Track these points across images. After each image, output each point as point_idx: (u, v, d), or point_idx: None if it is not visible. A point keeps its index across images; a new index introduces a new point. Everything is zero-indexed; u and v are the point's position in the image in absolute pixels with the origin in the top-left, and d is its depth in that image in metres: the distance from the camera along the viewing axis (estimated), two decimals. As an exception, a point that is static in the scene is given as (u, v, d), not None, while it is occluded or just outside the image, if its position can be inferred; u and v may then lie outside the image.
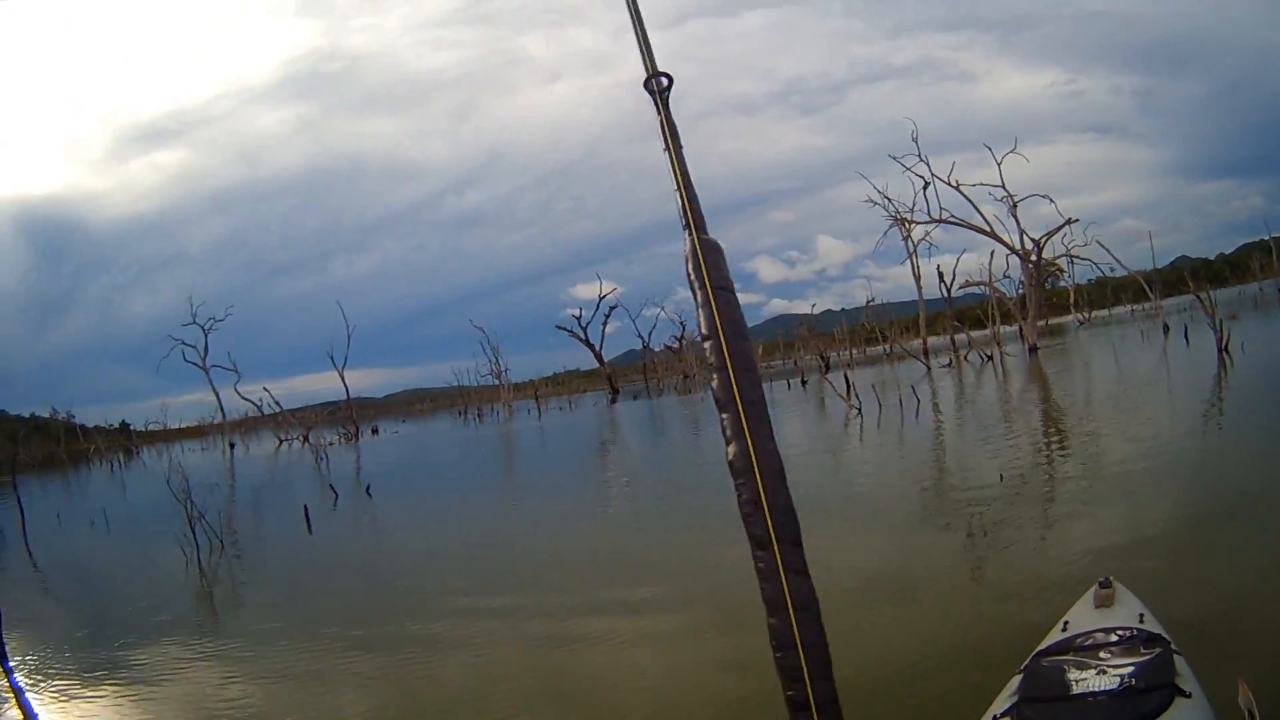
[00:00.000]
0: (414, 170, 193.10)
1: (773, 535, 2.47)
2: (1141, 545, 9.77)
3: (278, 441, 63.56)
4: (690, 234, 2.89)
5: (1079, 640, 4.74)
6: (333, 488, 25.93)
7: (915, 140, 53.73)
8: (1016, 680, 4.48)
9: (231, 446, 70.53)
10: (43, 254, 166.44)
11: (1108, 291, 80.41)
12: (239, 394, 74.75)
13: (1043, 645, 4.92)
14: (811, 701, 2.43)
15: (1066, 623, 5.19)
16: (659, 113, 3.09)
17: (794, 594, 2.46)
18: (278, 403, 72.82)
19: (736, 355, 2.59)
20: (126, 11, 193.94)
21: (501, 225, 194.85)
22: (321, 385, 73.34)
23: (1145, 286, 68.61)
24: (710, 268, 2.80)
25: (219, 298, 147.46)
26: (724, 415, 2.55)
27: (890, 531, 12.66)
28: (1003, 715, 4.12)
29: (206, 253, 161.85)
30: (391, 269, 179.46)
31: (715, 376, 2.58)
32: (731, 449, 2.52)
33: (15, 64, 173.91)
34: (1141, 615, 5.04)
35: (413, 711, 8.21)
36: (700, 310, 2.68)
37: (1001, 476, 13.00)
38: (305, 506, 21.28)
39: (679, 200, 2.96)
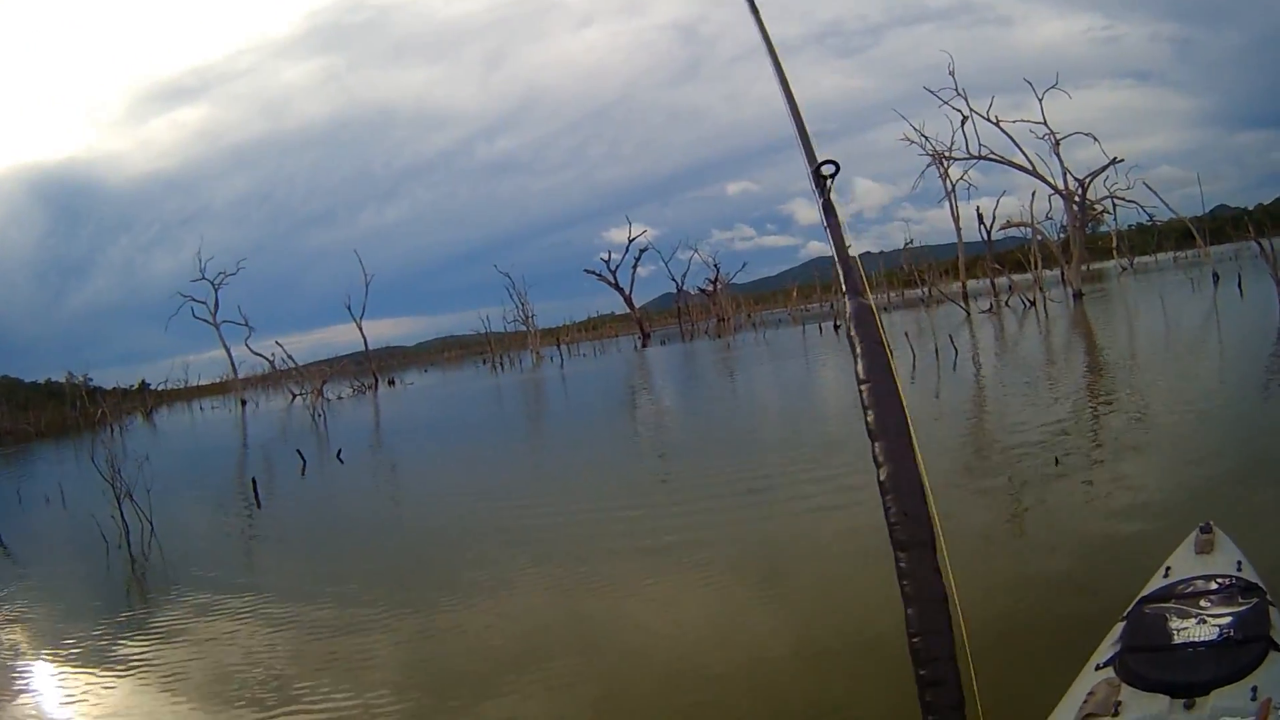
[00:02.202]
0: (444, 118, 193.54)
1: (913, 540, 2.99)
2: (1227, 494, 9.28)
3: (291, 396, 62.38)
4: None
5: (1180, 587, 4.72)
6: (300, 454, 24.06)
7: (952, 74, 51.15)
8: (1120, 627, 4.48)
9: (243, 404, 69.86)
10: (60, 218, 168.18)
11: (1150, 237, 78.54)
12: (250, 349, 72.97)
13: (1145, 591, 4.89)
14: (941, 679, 2.89)
15: (1169, 568, 5.16)
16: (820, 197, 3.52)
17: (929, 589, 2.95)
18: (291, 357, 70.97)
19: (875, 370, 3.37)
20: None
21: (534, 171, 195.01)
22: (352, 337, 72.73)
23: (1194, 232, 66.54)
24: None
25: (243, 253, 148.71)
26: (876, 444, 3.12)
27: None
28: (1105, 664, 4.09)
29: (230, 208, 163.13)
30: (422, 217, 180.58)
31: (866, 393, 3.25)
32: (883, 471, 3.08)
33: (30, 30, 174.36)
34: (1239, 563, 5.01)
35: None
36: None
37: (1058, 458, 11.46)
38: (253, 480, 19.55)
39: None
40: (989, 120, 50.26)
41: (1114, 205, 52.59)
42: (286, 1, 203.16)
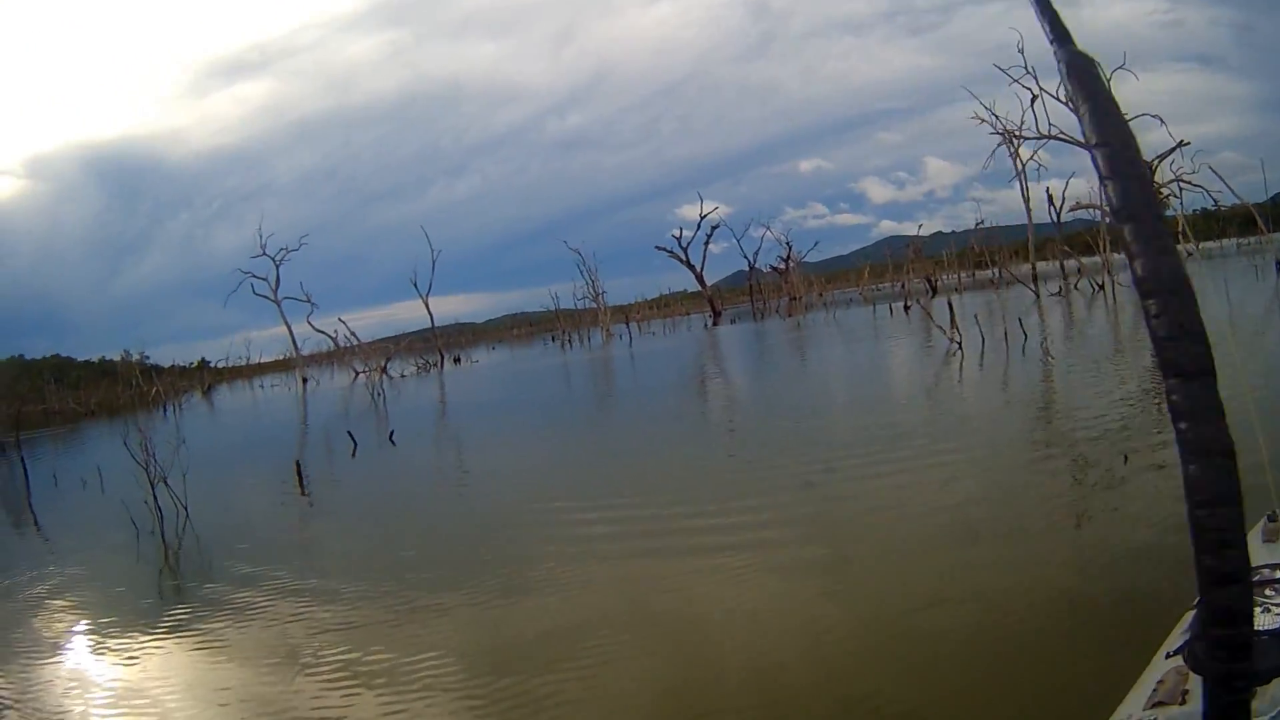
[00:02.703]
0: (514, 93, 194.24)
1: (1193, 366, 2.19)
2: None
3: (354, 374, 62.12)
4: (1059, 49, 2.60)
5: (1249, 575, 4.13)
6: (351, 435, 23.71)
7: (1021, 52, 51.32)
8: (1189, 615, 4.36)
9: (304, 381, 69.52)
10: (117, 194, 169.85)
11: (1214, 223, 77.58)
12: (312, 326, 72.65)
13: None
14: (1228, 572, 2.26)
15: None
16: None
17: (1217, 440, 2.20)
18: (354, 334, 70.47)
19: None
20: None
21: (605, 147, 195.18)
22: (419, 313, 72.92)
23: (1257, 218, 65.77)
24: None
25: (309, 229, 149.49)
26: (1127, 226, 2.36)
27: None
28: (1175, 653, 3.98)
29: (295, 183, 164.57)
30: (492, 193, 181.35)
31: (1111, 186, 2.38)
32: (1138, 265, 2.29)
33: (87, 6, 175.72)
34: None
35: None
36: (1087, 122, 2.51)
37: (1126, 457, 11.01)
38: (297, 464, 18.99)
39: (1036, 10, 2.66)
40: (1058, 99, 50.26)
41: (1179, 189, 52.25)
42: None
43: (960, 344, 26.18)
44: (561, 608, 8.88)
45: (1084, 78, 2.55)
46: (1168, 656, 4.07)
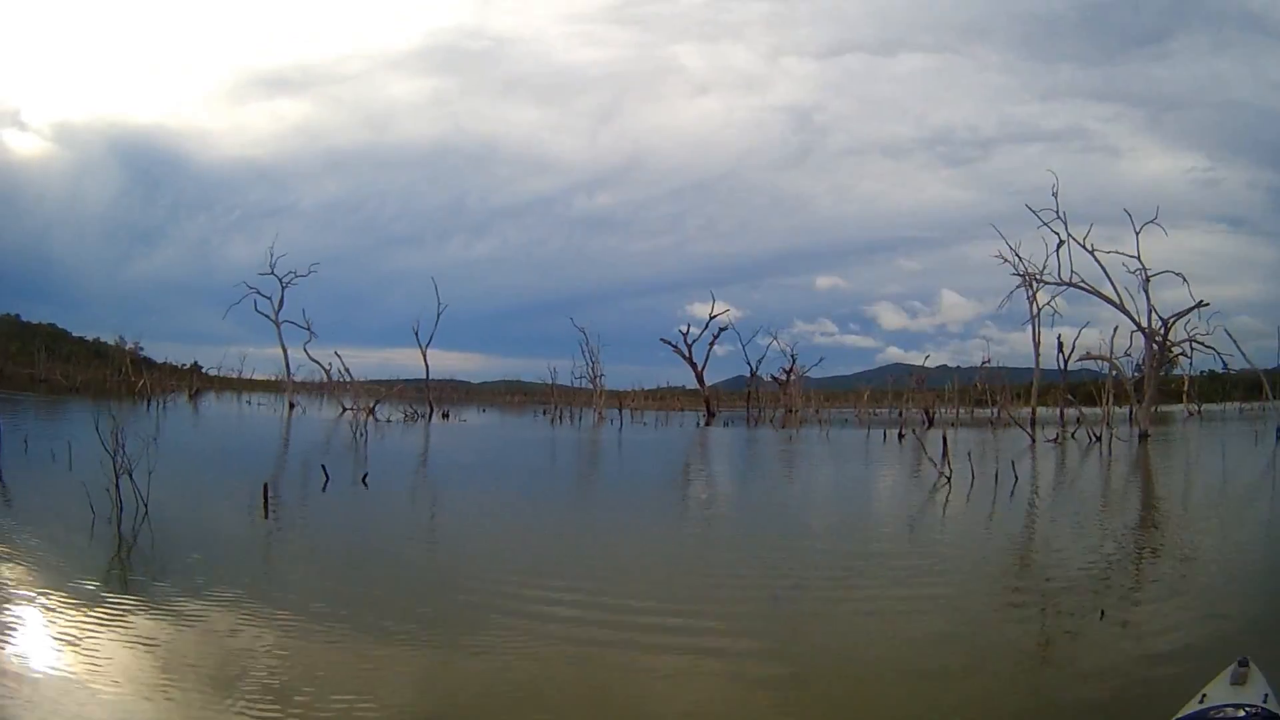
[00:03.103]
0: (548, 163, 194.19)
1: None
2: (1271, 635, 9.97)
3: (341, 409, 61.64)
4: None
5: (1212, 713, 5.11)
6: (324, 469, 23.36)
7: (1055, 195, 51.78)
8: None
9: (291, 406, 69.82)
10: (138, 182, 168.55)
11: (1220, 386, 77.99)
12: (308, 354, 72.54)
13: (1181, 714, 5.28)
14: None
15: (1204, 695, 5.56)
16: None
17: None
18: (347, 370, 69.99)
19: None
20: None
21: (629, 231, 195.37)
22: (417, 362, 73.38)
23: (1264, 383, 66.22)
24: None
25: (325, 259, 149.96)
26: None
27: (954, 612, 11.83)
28: None
29: (318, 210, 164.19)
30: (510, 258, 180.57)
31: None
32: None
33: None
34: (1266, 695, 5.39)
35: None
36: None
37: (1102, 613, 10.99)
38: (265, 485, 18.70)
39: None
40: (1084, 248, 50.73)
41: (1191, 349, 52.53)
42: (408, 14, 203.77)
43: (949, 478, 25.83)
44: (500, 676, 8.76)
45: None
46: None
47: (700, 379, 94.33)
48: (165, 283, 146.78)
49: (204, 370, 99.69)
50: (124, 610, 10.39)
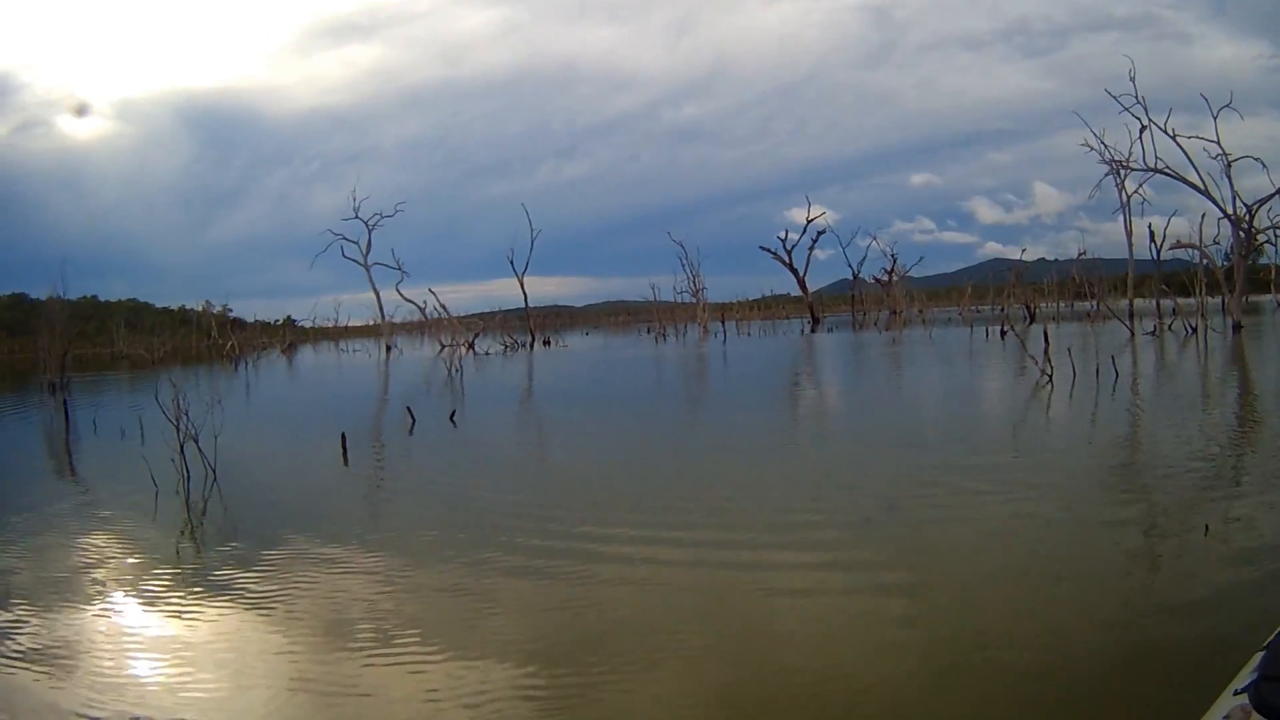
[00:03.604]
0: (630, 79, 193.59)
1: None
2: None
3: (440, 347, 60.81)
4: None
5: None
6: (410, 411, 23.29)
7: (1133, 79, 50.70)
8: (1259, 656, 4.53)
9: (388, 349, 70.26)
10: (211, 146, 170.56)
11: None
12: (401, 295, 73.03)
13: None
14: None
15: None
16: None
17: None
18: (443, 306, 69.78)
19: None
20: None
21: (719, 141, 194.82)
22: (517, 291, 73.89)
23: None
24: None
25: (413, 197, 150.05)
26: None
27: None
28: (1242, 690, 4.19)
29: (400, 150, 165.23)
30: (602, 177, 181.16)
31: None
32: None
33: None
34: None
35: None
36: None
37: (1206, 528, 10.25)
38: (343, 435, 18.55)
39: None
40: (1166, 133, 49.72)
41: (1276, 236, 52.07)
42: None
43: (1051, 377, 25.71)
44: (617, 607, 8.80)
45: None
46: (1235, 694, 4.21)
47: (803, 285, 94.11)
48: (249, 241, 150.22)
49: (298, 323, 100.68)
50: (185, 578, 10.34)
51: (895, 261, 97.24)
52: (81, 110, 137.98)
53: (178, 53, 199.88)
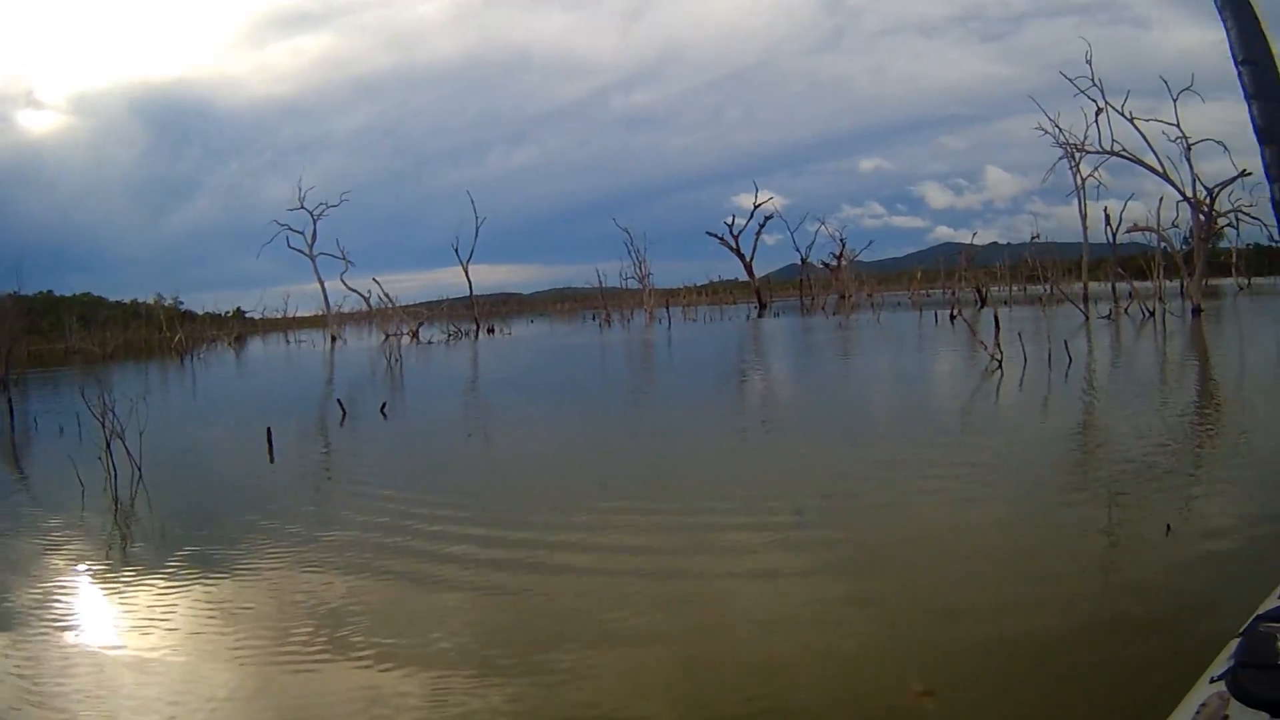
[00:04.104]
0: (581, 66, 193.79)
1: None
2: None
3: (384, 336, 60.89)
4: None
5: None
6: (340, 404, 23.14)
7: (1089, 62, 50.50)
8: (1236, 643, 4.26)
9: (334, 340, 69.81)
10: (163, 138, 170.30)
11: (1267, 259, 76.19)
12: (345, 284, 72.60)
13: (1261, 609, 4.70)
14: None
15: None
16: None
17: None
18: (387, 295, 70.64)
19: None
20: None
21: (669, 127, 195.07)
22: (465, 279, 73.62)
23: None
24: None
25: (364, 185, 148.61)
26: (1268, 149, 2.88)
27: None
28: (1219, 678, 3.98)
29: (351, 138, 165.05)
30: (552, 164, 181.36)
31: (1256, 106, 2.79)
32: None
33: None
34: None
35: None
36: (1235, 40, 2.83)
37: (1169, 528, 9.47)
38: (269, 430, 18.34)
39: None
40: (1123, 115, 49.24)
41: (1237, 220, 51.20)
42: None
43: (1000, 362, 25.10)
44: (562, 599, 8.66)
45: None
46: (1212, 681, 4.06)
47: (749, 270, 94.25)
48: (202, 233, 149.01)
49: (247, 315, 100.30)
50: (110, 574, 10.34)
51: (844, 246, 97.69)
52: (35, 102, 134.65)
53: (132, 44, 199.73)
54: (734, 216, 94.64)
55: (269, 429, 18.40)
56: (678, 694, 6.52)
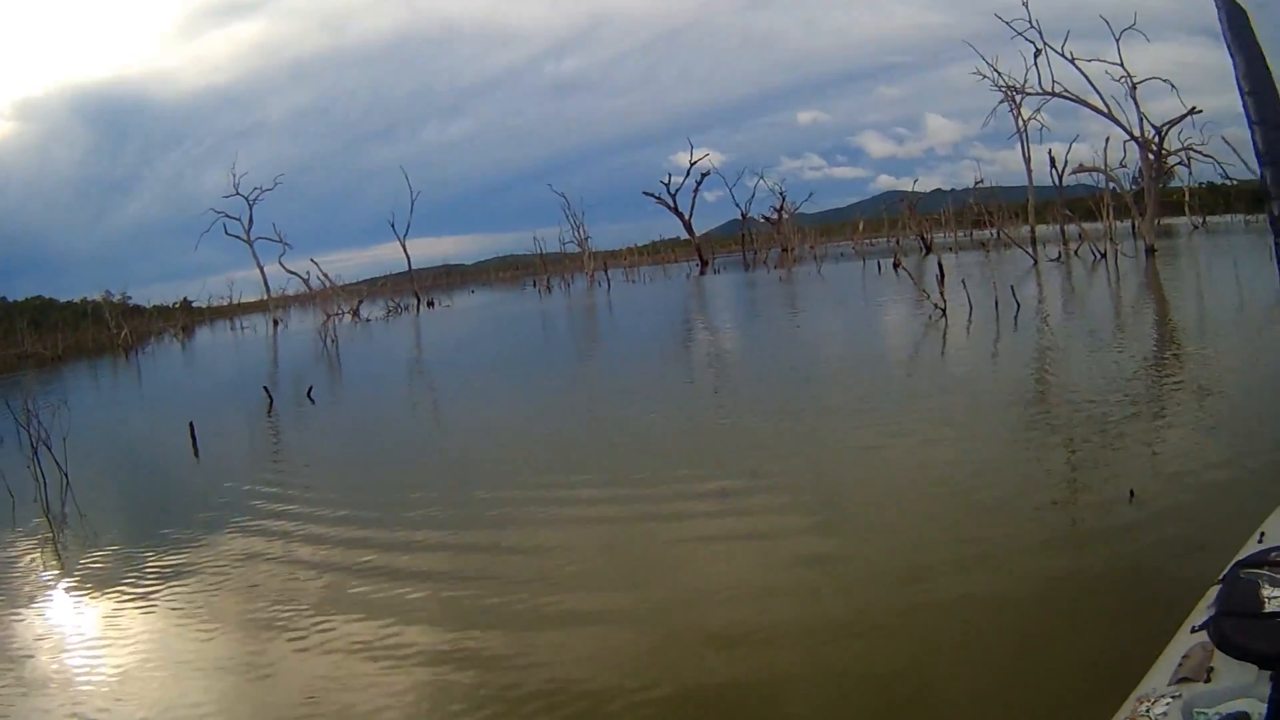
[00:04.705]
0: (511, 35, 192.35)
1: None
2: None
3: (325, 317, 58.01)
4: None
5: (1274, 554, 4.43)
6: (267, 391, 22.38)
7: (1025, 4, 49.06)
8: (1215, 591, 4.33)
9: (275, 324, 68.93)
10: (105, 136, 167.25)
11: (1220, 198, 75.59)
12: (284, 267, 71.65)
13: (1240, 556, 4.67)
14: None
15: (1263, 534, 5.00)
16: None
17: None
18: (326, 276, 69.82)
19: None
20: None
21: (603, 91, 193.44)
22: (413, 253, 73.67)
23: (1268, 194, 63.61)
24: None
25: (302, 167, 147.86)
26: (1269, 170, 3.26)
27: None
28: (1200, 627, 4.01)
29: (288, 122, 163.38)
30: (488, 134, 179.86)
31: (1259, 132, 3.11)
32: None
33: None
34: None
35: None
36: (1241, 71, 3.11)
37: (1131, 494, 8.74)
38: (191, 425, 17.68)
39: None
40: (1063, 56, 48.14)
41: (1189, 159, 50.04)
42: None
43: (945, 311, 24.26)
44: (525, 570, 8.64)
45: (1239, 29, 3.14)
46: (1193, 630, 4.06)
47: (689, 227, 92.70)
48: (145, 227, 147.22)
49: (194, 305, 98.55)
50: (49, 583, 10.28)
51: (784, 199, 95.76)
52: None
53: (71, 47, 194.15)
54: (670, 175, 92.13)
55: (191, 425, 17.79)
56: (645, 665, 6.45)
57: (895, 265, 49.84)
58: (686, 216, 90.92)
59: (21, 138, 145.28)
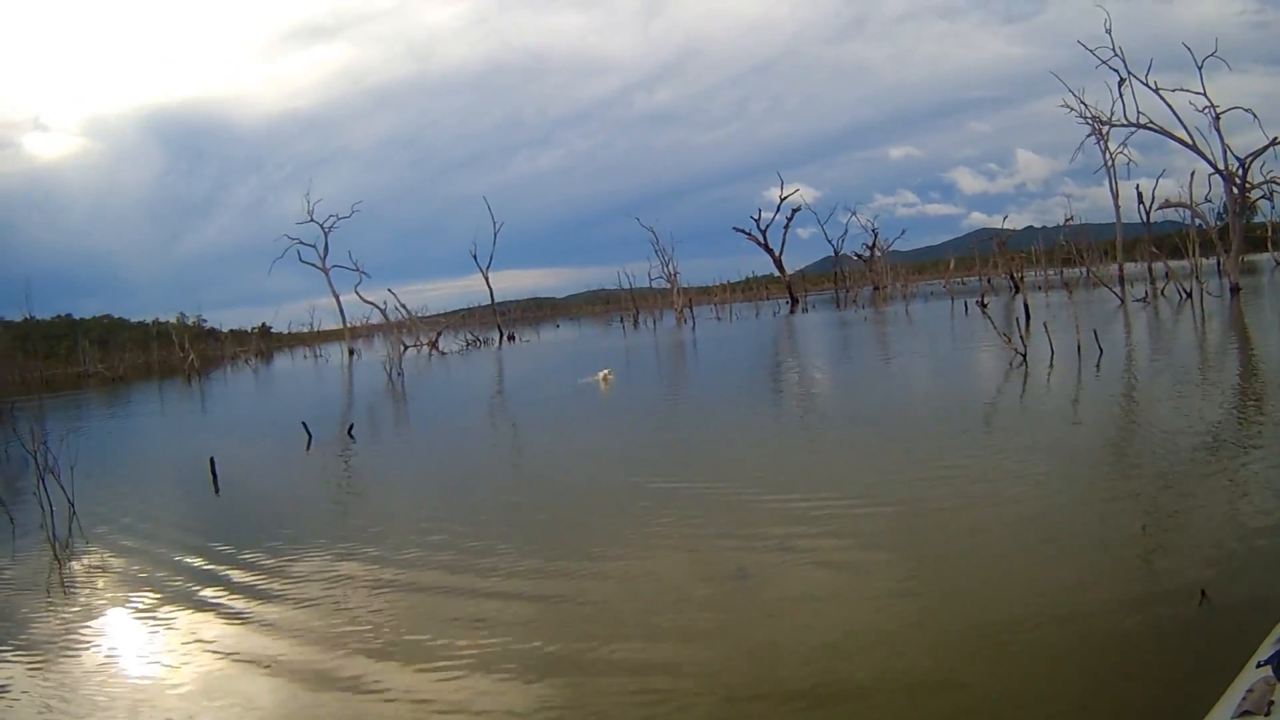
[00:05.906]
0: (601, 66, 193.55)
1: None
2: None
3: (402, 348, 58.80)
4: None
5: None
6: (306, 427, 21.83)
7: (1109, 31, 49.08)
8: None
9: (351, 353, 69.61)
10: (180, 157, 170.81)
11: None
12: (360, 296, 72.86)
13: None
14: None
15: None
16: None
17: None
18: (403, 306, 70.73)
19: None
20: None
21: (694, 124, 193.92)
22: (502, 285, 74.45)
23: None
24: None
25: (387, 196, 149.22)
26: None
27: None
28: (1265, 663, 4.16)
29: (371, 149, 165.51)
30: (578, 166, 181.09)
31: None
32: None
33: None
34: None
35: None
36: None
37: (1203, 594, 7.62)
38: (211, 460, 17.49)
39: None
40: (1147, 85, 47.47)
41: (1271, 192, 49.30)
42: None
43: (1025, 356, 23.83)
44: (605, 597, 8.90)
45: None
46: (1258, 666, 4.19)
47: (779, 264, 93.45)
48: (222, 250, 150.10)
49: (272, 330, 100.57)
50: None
51: (877, 236, 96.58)
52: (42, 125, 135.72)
53: (145, 65, 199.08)
54: (760, 211, 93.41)
55: (211, 460, 17.64)
56: (736, 679, 6.74)
57: (981, 305, 49.84)
58: (777, 253, 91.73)
59: (89, 156, 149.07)
